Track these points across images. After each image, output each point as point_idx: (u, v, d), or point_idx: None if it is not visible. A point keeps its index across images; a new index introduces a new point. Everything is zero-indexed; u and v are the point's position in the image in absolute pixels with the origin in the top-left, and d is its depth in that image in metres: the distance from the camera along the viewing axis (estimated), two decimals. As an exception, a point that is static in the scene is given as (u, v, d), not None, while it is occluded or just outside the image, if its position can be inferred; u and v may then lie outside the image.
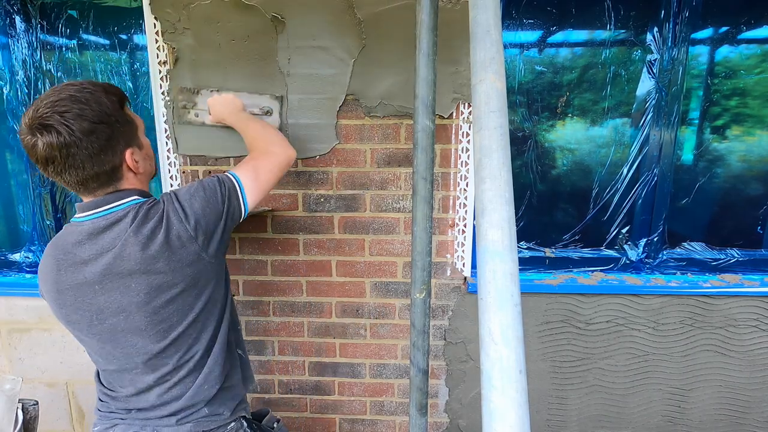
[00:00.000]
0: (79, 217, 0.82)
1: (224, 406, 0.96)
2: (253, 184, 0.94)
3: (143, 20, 1.35)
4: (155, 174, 0.94)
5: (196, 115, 1.37)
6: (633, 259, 1.61)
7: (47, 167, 0.75)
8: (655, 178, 1.54)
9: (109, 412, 0.93)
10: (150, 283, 0.80)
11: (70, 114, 0.72)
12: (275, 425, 1.14)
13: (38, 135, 0.72)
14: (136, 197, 0.83)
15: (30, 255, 1.68)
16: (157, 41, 1.35)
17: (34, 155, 0.74)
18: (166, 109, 1.39)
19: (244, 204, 0.92)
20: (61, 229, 0.85)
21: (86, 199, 0.82)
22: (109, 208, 0.80)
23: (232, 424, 0.98)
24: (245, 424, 1.02)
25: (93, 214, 0.80)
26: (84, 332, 0.85)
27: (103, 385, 0.94)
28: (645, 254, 1.61)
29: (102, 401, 0.94)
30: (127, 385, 0.89)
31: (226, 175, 0.92)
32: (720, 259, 1.60)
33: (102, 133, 0.75)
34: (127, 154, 0.81)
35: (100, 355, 0.87)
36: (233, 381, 0.99)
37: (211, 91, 1.36)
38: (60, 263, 0.80)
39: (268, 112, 1.36)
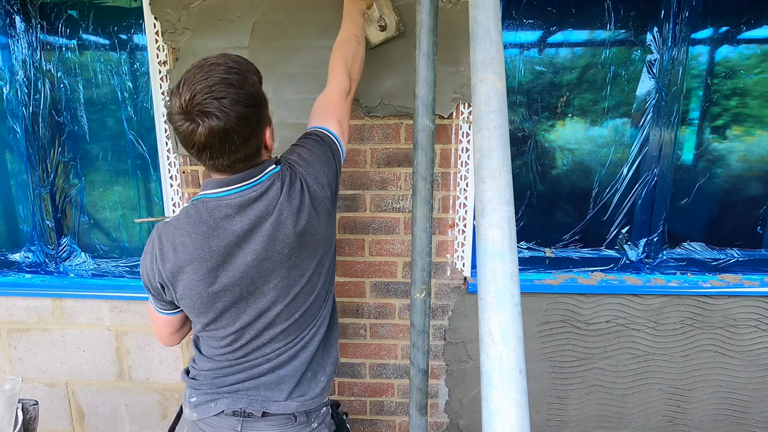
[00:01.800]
0: (218, 192, 0.81)
1: (326, 386, 0.98)
2: (342, 134, 0.99)
3: (143, 20, 1.35)
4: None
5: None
6: (633, 259, 1.61)
7: (202, 153, 0.75)
8: (655, 178, 1.54)
9: (212, 385, 0.92)
10: (301, 243, 0.84)
11: (227, 100, 0.71)
12: (345, 417, 1.15)
13: (198, 122, 0.71)
14: (273, 166, 0.85)
15: (30, 255, 1.68)
16: (157, 41, 1.35)
17: (190, 142, 0.73)
18: (165, 109, 1.39)
19: (343, 153, 0.98)
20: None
21: (224, 176, 0.81)
22: (255, 180, 0.81)
23: (324, 408, 0.99)
24: (331, 410, 1.03)
25: (239, 187, 0.80)
26: (227, 312, 0.85)
27: (204, 355, 0.93)
28: (645, 254, 1.61)
29: (202, 373, 0.93)
30: (243, 345, 0.89)
31: (323, 131, 0.95)
32: (720, 259, 1.60)
33: (253, 117, 0.76)
34: (267, 133, 0.84)
35: (229, 330, 0.87)
36: (335, 357, 1.01)
37: None
38: (210, 237, 0.79)
39: (383, 27, 1.28)
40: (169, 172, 1.45)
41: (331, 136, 0.96)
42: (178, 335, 1.00)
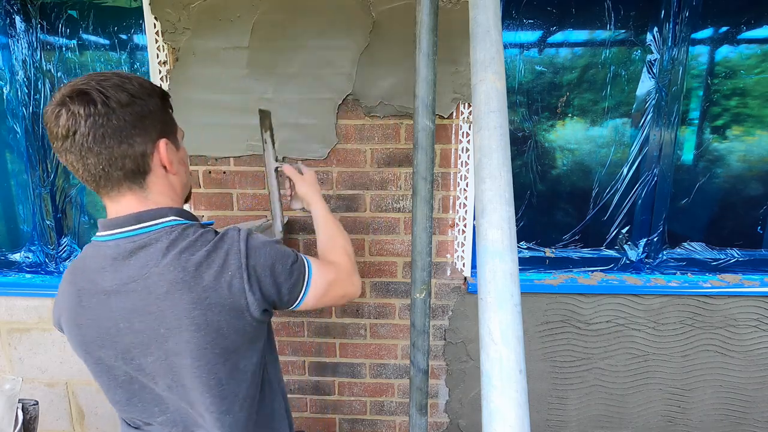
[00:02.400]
0: (101, 236, 0.68)
1: None
2: (320, 291, 0.79)
3: (143, 20, 1.35)
4: (189, 193, 0.80)
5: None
6: (633, 259, 1.61)
7: (65, 141, 0.61)
8: (655, 178, 1.54)
9: None
10: (176, 326, 0.66)
11: (109, 83, 0.62)
12: None
13: (68, 103, 0.60)
14: (173, 218, 0.69)
15: (30, 255, 1.68)
16: (157, 41, 1.35)
17: (55, 128, 0.61)
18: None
19: (299, 301, 0.77)
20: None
21: (110, 210, 0.68)
22: (139, 228, 0.66)
23: None
24: None
25: (119, 233, 0.66)
26: (104, 374, 0.72)
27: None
28: (645, 254, 1.61)
29: None
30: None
31: (304, 262, 0.78)
32: (720, 259, 1.60)
33: (138, 108, 0.64)
34: (162, 143, 0.67)
35: (119, 403, 0.74)
36: None
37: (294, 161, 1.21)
38: (82, 293, 0.67)
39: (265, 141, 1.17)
40: (169, 172, 1.45)
41: (307, 272, 0.77)
42: None
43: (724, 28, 1.46)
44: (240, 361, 0.71)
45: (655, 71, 1.46)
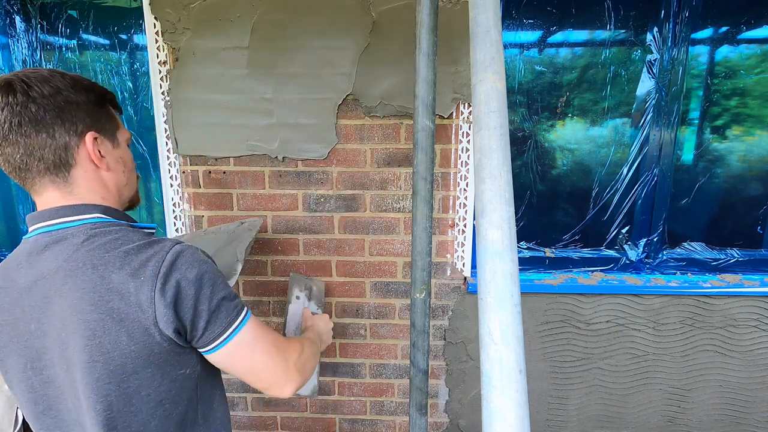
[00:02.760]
0: (28, 233, 0.64)
1: None
2: (244, 352, 0.67)
3: (143, 20, 1.35)
4: (136, 200, 0.76)
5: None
6: (633, 259, 1.61)
7: None
8: (655, 178, 1.54)
9: None
10: (83, 328, 0.59)
11: (37, 75, 0.60)
12: None
13: None
14: (97, 215, 0.64)
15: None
16: (157, 41, 1.35)
17: None
18: (166, 109, 1.39)
19: (214, 348, 0.65)
20: None
21: (37, 205, 0.65)
22: (57, 223, 0.62)
23: None
24: None
25: (38, 228, 0.63)
26: (15, 383, 0.65)
27: None
28: (645, 254, 1.61)
29: None
30: None
31: (243, 313, 0.68)
32: (720, 259, 1.60)
33: (62, 99, 0.61)
34: (89, 136, 0.63)
35: (31, 417, 0.67)
36: None
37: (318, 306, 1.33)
38: (1, 291, 0.63)
39: (297, 297, 1.30)
40: (169, 172, 1.45)
41: (244, 313, 0.68)
42: None
43: (724, 28, 1.46)
44: (141, 387, 0.61)
45: (655, 71, 1.46)
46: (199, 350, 0.66)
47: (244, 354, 0.67)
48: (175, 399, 0.65)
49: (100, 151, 0.65)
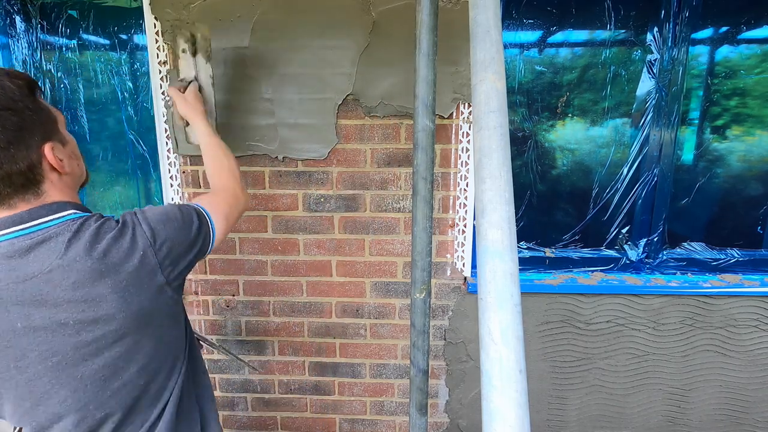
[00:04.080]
0: None
1: None
2: (222, 225, 0.84)
3: (143, 20, 1.35)
4: (87, 179, 0.79)
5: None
6: (633, 259, 1.61)
7: None
8: (655, 178, 1.54)
9: None
10: (91, 318, 0.63)
11: None
12: None
13: None
14: (72, 211, 0.67)
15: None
16: (157, 41, 1.35)
17: None
18: (166, 109, 1.39)
19: (212, 243, 0.82)
20: None
21: (2, 214, 0.64)
22: (36, 225, 0.63)
23: None
24: None
25: (12, 232, 0.62)
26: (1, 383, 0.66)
27: None
28: (645, 254, 1.61)
29: None
30: None
31: (200, 209, 0.81)
32: (720, 259, 1.60)
33: (8, 122, 0.60)
34: (47, 148, 0.65)
35: (18, 415, 0.68)
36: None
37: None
38: None
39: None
40: (170, 172, 1.45)
41: (208, 219, 0.81)
42: None
43: (724, 28, 1.46)
44: (164, 334, 0.74)
45: (655, 71, 1.46)
46: (205, 254, 0.82)
47: (221, 225, 0.85)
48: (176, 352, 0.78)
49: (58, 157, 0.67)
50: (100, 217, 0.69)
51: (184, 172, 1.45)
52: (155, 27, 1.34)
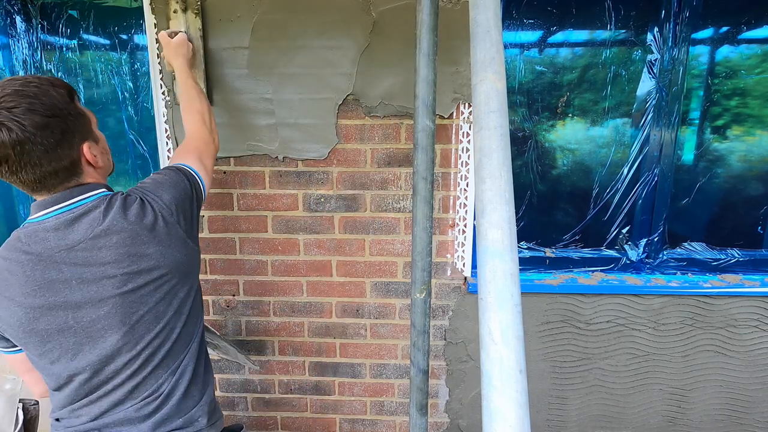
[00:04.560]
0: (37, 217, 0.76)
1: (204, 417, 0.91)
2: (204, 173, 0.98)
3: (143, 20, 1.35)
4: (113, 169, 0.91)
5: None
6: (633, 259, 1.60)
7: (1, 167, 0.70)
8: (656, 178, 1.53)
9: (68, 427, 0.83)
10: (135, 270, 0.77)
11: (19, 109, 0.68)
12: None
13: None
14: (103, 189, 0.81)
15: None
16: (157, 41, 1.35)
17: None
18: (166, 109, 1.39)
19: (203, 187, 0.96)
20: None
21: (43, 197, 0.77)
22: (76, 202, 0.76)
23: None
24: None
25: (57, 209, 0.75)
26: (54, 340, 0.77)
27: (58, 419, 0.84)
28: (645, 254, 1.61)
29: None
30: (96, 401, 0.81)
31: (180, 165, 0.93)
32: (720, 259, 1.59)
33: (56, 127, 0.71)
34: (85, 147, 0.77)
35: (68, 368, 0.79)
36: (211, 387, 0.96)
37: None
38: (24, 265, 0.74)
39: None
40: (170, 172, 1.45)
41: (190, 170, 0.94)
42: (37, 377, 0.87)
43: (725, 28, 1.46)
44: (193, 283, 0.89)
45: (655, 71, 1.46)
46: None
47: (204, 172, 0.98)
48: (194, 301, 0.90)
49: (93, 154, 0.79)
50: (122, 193, 0.81)
51: (184, 172, 1.45)
52: (155, 27, 1.34)
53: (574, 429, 1.68)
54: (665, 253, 1.61)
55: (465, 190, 1.45)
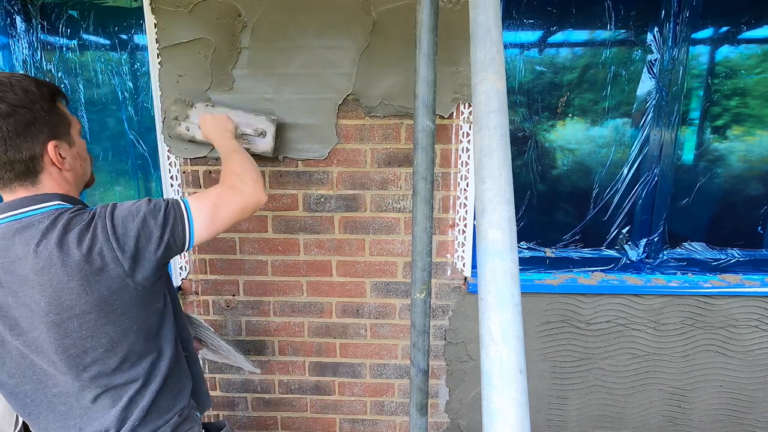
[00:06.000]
0: None
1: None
2: (206, 219, 0.81)
3: (143, 20, 1.35)
4: (92, 181, 0.87)
5: (187, 129, 1.32)
6: (633, 259, 1.60)
7: None
8: (656, 178, 1.53)
9: None
10: (56, 301, 0.70)
11: None
12: None
13: None
14: (58, 202, 0.74)
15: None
16: (157, 41, 1.35)
17: None
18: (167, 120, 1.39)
19: (190, 237, 0.80)
20: None
21: (5, 199, 0.74)
22: (26, 211, 0.72)
23: None
24: None
25: (6, 216, 0.72)
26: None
27: None
28: (645, 254, 1.61)
29: None
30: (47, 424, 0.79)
31: (178, 202, 0.80)
32: (720, 259, 1.59)
33: (21, 117, 0.69)
34: (50, 145, 0.73)
35: (11, 391, 0.77)
36: (177, 407, 0.88)
37: (207, 105, 1.32)
38: None
39: (262, 134, 1.31)
40: (170, 172, 1.45)
41: (183, 208, 0.80)
42: None
43: (725, 28, 1.46)
44: (132, 323, 0.78)
45: (655, 71, 1.46)
46: (185, 250, 0.82)
47: (206, 216, 0.82)
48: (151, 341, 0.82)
49: (60, 154, 0.75)
50: (78, 210, 0.74)
51: (184, 172, 1.45)
52: (155, 27, 1.34)
53: (574, 429, 1.68)
54: (665, 253, 1.61)
55: (465, 190, 1.45)
